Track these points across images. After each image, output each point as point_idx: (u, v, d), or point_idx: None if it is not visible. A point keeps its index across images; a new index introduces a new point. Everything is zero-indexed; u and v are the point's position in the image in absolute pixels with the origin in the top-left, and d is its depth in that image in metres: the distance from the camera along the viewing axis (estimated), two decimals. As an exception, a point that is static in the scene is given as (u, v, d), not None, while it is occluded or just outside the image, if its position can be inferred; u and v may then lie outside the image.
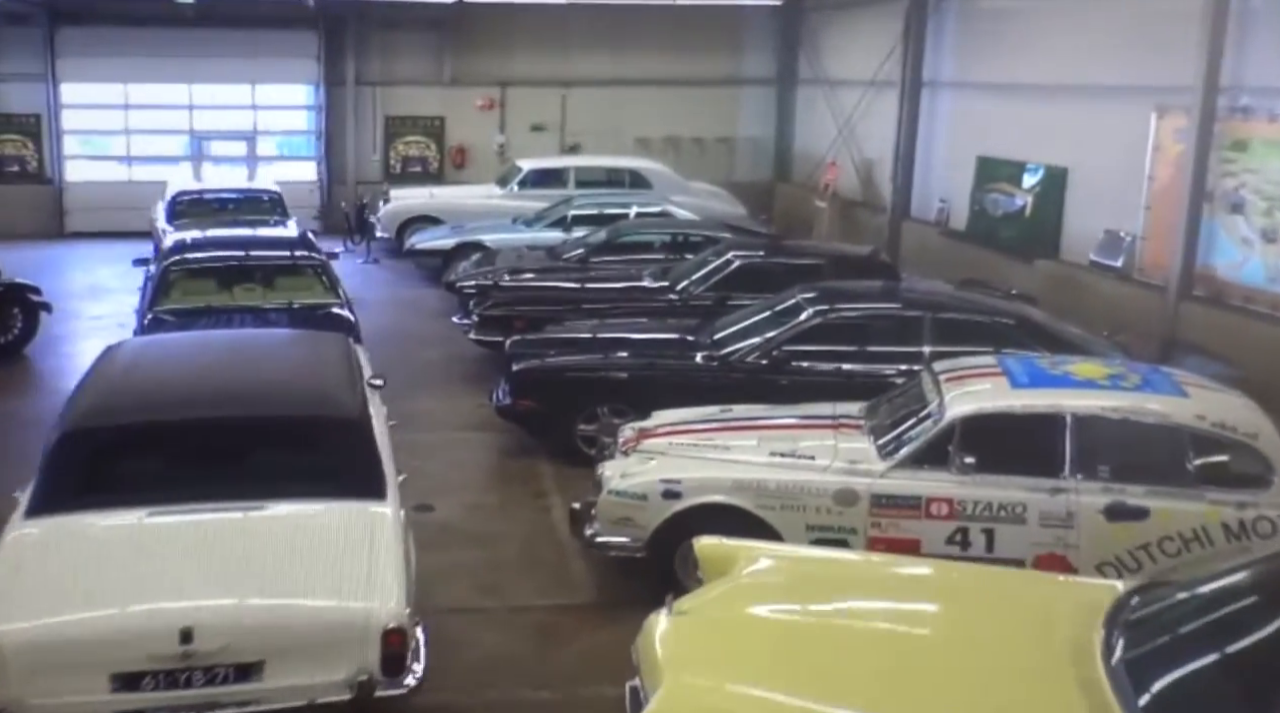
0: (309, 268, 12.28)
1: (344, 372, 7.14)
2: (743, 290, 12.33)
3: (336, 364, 7.28)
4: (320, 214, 22.99)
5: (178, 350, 7.67)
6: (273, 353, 7.50)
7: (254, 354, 7.47)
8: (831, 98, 21.33)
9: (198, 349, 7.69)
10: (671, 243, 15.67)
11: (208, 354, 7.48)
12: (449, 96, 23.23)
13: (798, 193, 22.84)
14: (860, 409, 7.97)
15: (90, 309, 16.31)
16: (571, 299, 12.78)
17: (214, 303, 11.56)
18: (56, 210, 22.38)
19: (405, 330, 15.04)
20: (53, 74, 21.93)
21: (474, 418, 11.26)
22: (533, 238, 17.65)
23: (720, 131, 23.80)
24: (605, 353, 10.29)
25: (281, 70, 22.67)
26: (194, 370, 7.05)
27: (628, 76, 23.13)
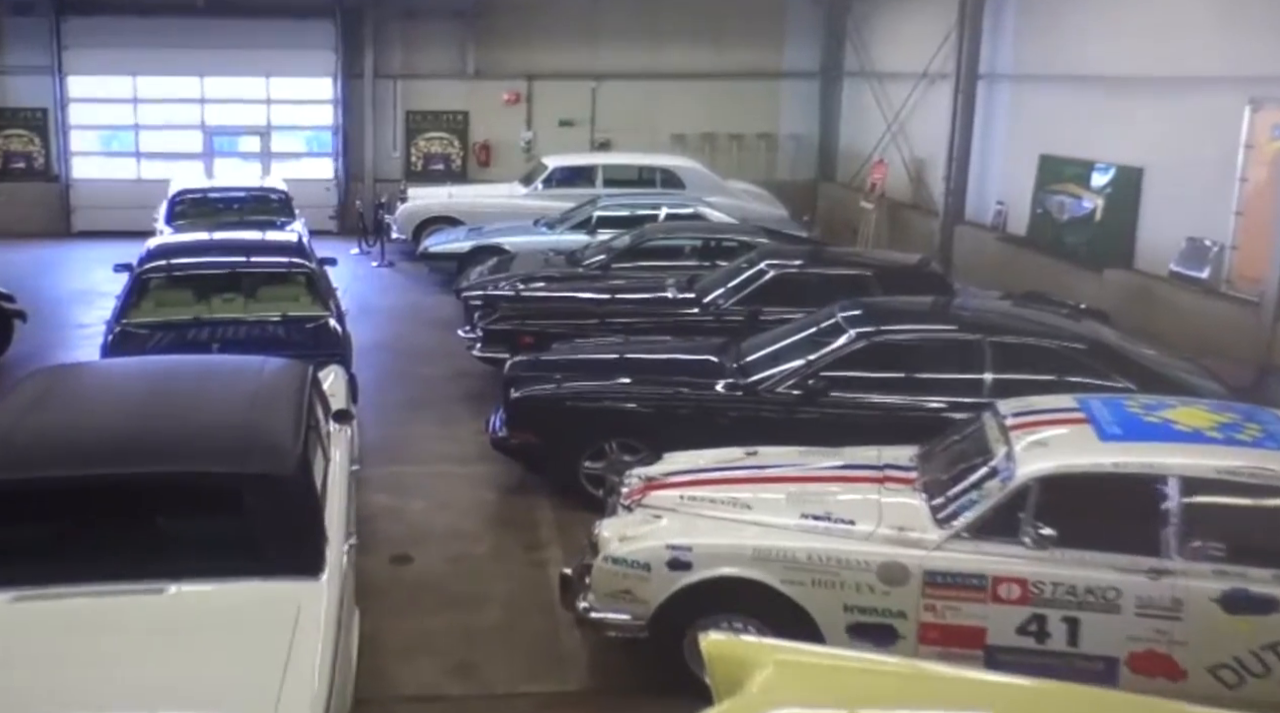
0: (298, 277, 11.12)
1: (288, 413, 5.90)
2: (777, 304, 11.02)
3: (282, 403, 6.04)
4: (336, 214, 21.90)
5: (100, 383, 6.47)
6: (209, 389, 6.27)
7: (186, 390, 6.24)
8: (880, 92, 19.91)
9: (124, 382, 6.50)
10: (703, 248, 14.37)
11: (132, 390, 6.28)
12: (473, 90, 22.06)
13: (843, 193, 21.45)
14: (912, 457, 6.63)
15: (80, 316, 15.25)
16: (586, 312, 11.51)
17: (189, 316, 10.44)
18: (63, 208, 21.45)
19: (409, 342, 13.85)
20: (59, 66, 20.99)
21: (471, 448, 10.01)
22: (555, 241, 16.42)
23: (760, 128, 22.44)
24: (615, 379, 9.00)
25: (297, 62, 21.58)
26: (106, 411, 5.85)
27: (662, 69, 21.86)
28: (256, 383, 6.35)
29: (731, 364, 8.98)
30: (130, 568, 4.97)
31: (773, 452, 7.13)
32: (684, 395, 8.62)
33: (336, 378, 8.89)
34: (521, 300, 12.00)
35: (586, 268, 14.05)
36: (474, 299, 12.39)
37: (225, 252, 11.59)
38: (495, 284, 12.82)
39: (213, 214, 16.69)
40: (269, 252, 11.75)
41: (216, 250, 11.68)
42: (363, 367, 10.29)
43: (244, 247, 12.06)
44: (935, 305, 9.73)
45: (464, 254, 16.58)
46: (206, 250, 11.70)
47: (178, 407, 5.88)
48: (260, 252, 11.76)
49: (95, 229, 21.07)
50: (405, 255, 19.28)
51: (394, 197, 20.07)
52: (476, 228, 17.50)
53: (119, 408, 5.84)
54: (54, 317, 15.09)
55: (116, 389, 6.25)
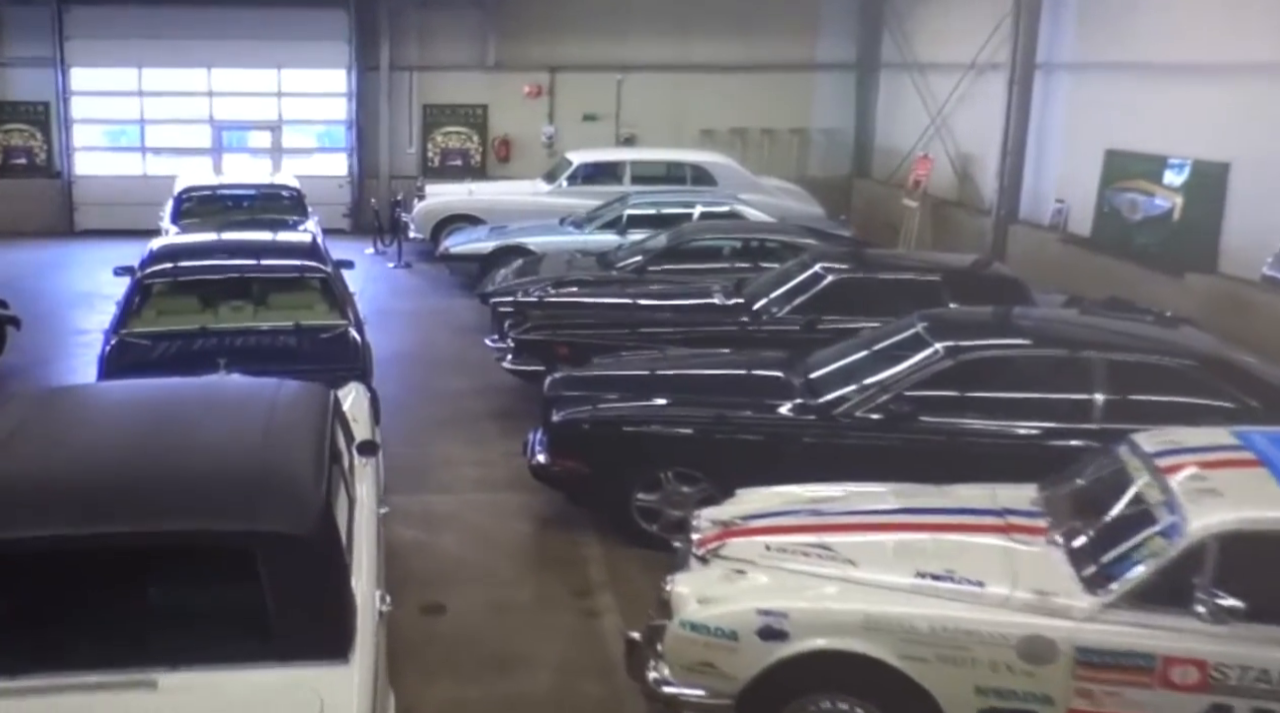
0: (312, 281, 10.17)
1: (308, 452, 4.94)
2: (837, 312, 10.06)
3: (300, 438, 5.08)
4: (350, 212, 20.97)
5: (84, 416, 5.49)
6: (213, 422, 5.30)
7: (186, 423, 5.27)
8: (922, 84, 18.89)
9: (113, 414, 5.52)
10: (743, 249, 13.41)
11: (122, 424, 5.30)
12: (493, 83, 21.09)
13: (879, 190, 20.44)
14: (1036, 500, 5.64)
15: (80, 320, 14.32)
16: (627, 321, 10.52)
17: (194, 325, 9.50)
18: (66, 206, 20.55)
19: (431, 351, 12.87)
20: (61, 58, 20.08)
21: (505, 472, 9.05)
22: (583, 241, 15.47)
23: (793, 122, 21.44)
24: (669, 399, 8.02)
25: (309, 54, 20.62)
26: (88, 453, 4.87)
27: (690, 61, 20.88)
28: (269, 414, 5.38)
29: (799, 382, 8.00)
30: (113, 653, 4.03)
31: (864, 490, 6.16)
32: (749, 419, 7.63)
33: (357, 397, 7.94)
34: (555, 307, 11.02)
35: (621, 271, 13.09)
36: (503, 306, 11.43)
37: (233, 254, 10.64)
38: (525, 289, 11.86)
39: (221, 213, 15.78)
40: (281, 254, 10.80)
41: (224, 253, 10.72)
42: (382, 379, 9.36)
43: (254, 248, 11.10)
44: (1027, 317, 8.71)
45: (487, 255, 15.65)
46: (213, 253, 10.74)
47: (175, 446, 4.92)
48: (271, 254, 10.81)
49: (99, 228, 20.21)
50: (423, 256, 18.33)
51: (410, 194, 19.13)
52: (499, 227, 16.54)
53: (105, 448, 4.88)
54: (52, 322, 14.18)
55: (103, 424, 5.29)
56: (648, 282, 12.27)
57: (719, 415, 7.66)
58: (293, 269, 10.22)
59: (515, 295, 11.63)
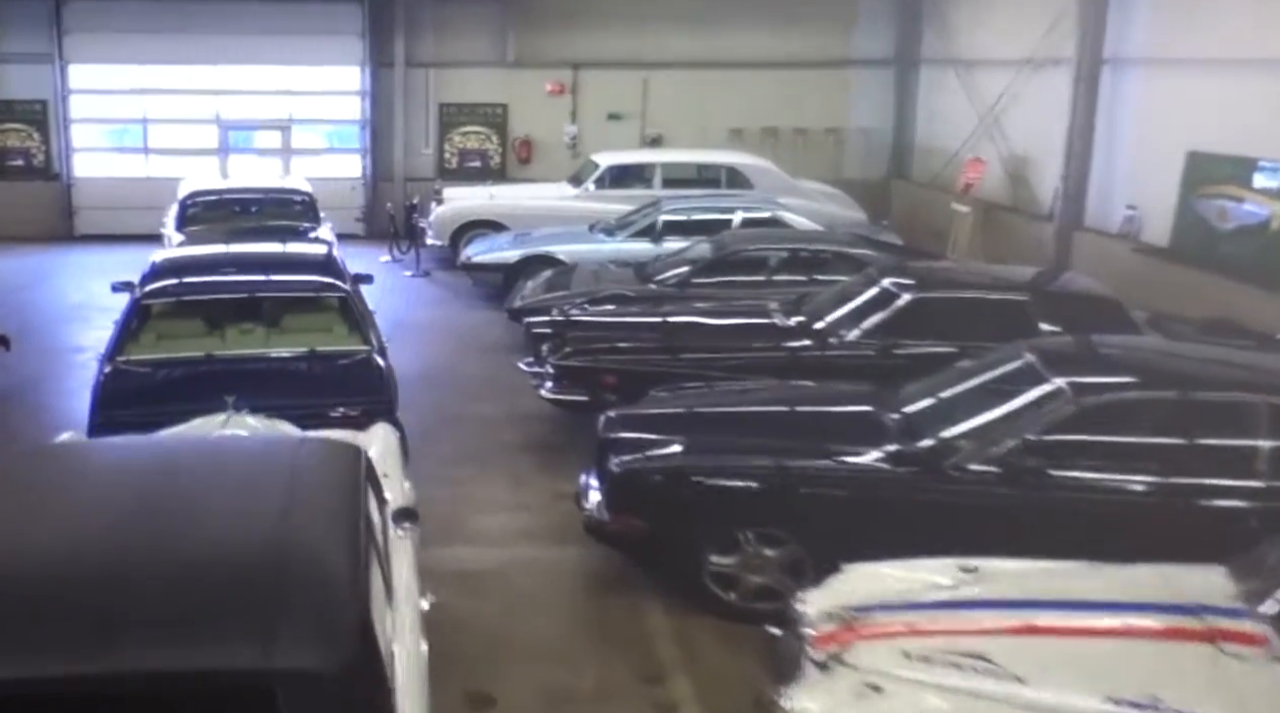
0: (330, 301, 9.15)
1: (337, 545, 3.90)
2: (914, 335, 9.02)
3: (327, 524, 4.04)
4: (363, 216, 19.94)
5: (59, 491, 4.43)
6: (219, 500, 4.25)
7: (186, 502, 4.22)
8: (968, 81, 17.81)
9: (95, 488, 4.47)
10: (791, 260, 12.34)
11: (105, 505, 4.23)
12: (513, 80, 20.04)
13: (921, 194, 19.37)
14: (1235, 593, 4.58)
15: (76, 336, 13.29)
16: (678, 345, 9.45)
17: (199, 351, 8.47)
18: (64, 210, 19.56)
19: (457, 373, 11.81)
20: (59, 53, 19.09)
21: (550, 519, 8.00)
22: (615, 250, 14.44)
23: (827, 121, 20.36)
24: (746, 442, 6.95)
25: (321, 50, 19.59)
26: (61, 549, 3.81)
27: (720, 57, 19.81)
28: (289, 487, 4.33)
29: (893, 422, 6.95)
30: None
31: (1003, 567, 5.10)
32: (841, 469, 6.57)
33: (386, 441, 6.92)
34: (596, 329, 9.95)
35: (662, 285, 12.05)
36: (538, 326, 10.38)
37: (242, 269, 9.60)
38: (560, 307, 10.82)
39: (228, 219, 14.77)
40: (294, 269, 9.77)
41: (232, 268, 9.68)
42: (405, 405, 8.32)
43: (264, 263, 10.06)
44: (1156, 348, 7.64)
45: (512, 265, 14.61)
46: (220, 268, 9.71)
47: (172, 539, 3.87)
48: (284, 269, 9.78)
49: (100, 233, 19.27)
50: (441, 263, 17.32)
51: (427, 198, 18.08)
52: (523, 234, 15.51)
53: (82, 545, 3.83)
54: (46, 338, 13.18)
55: (82, 506, 4.22)
56: (695, 298, 11.23)
57: (805, 464, 6.60)
58: (308, 287, 9.20)
59: (551, 314, 10.58)
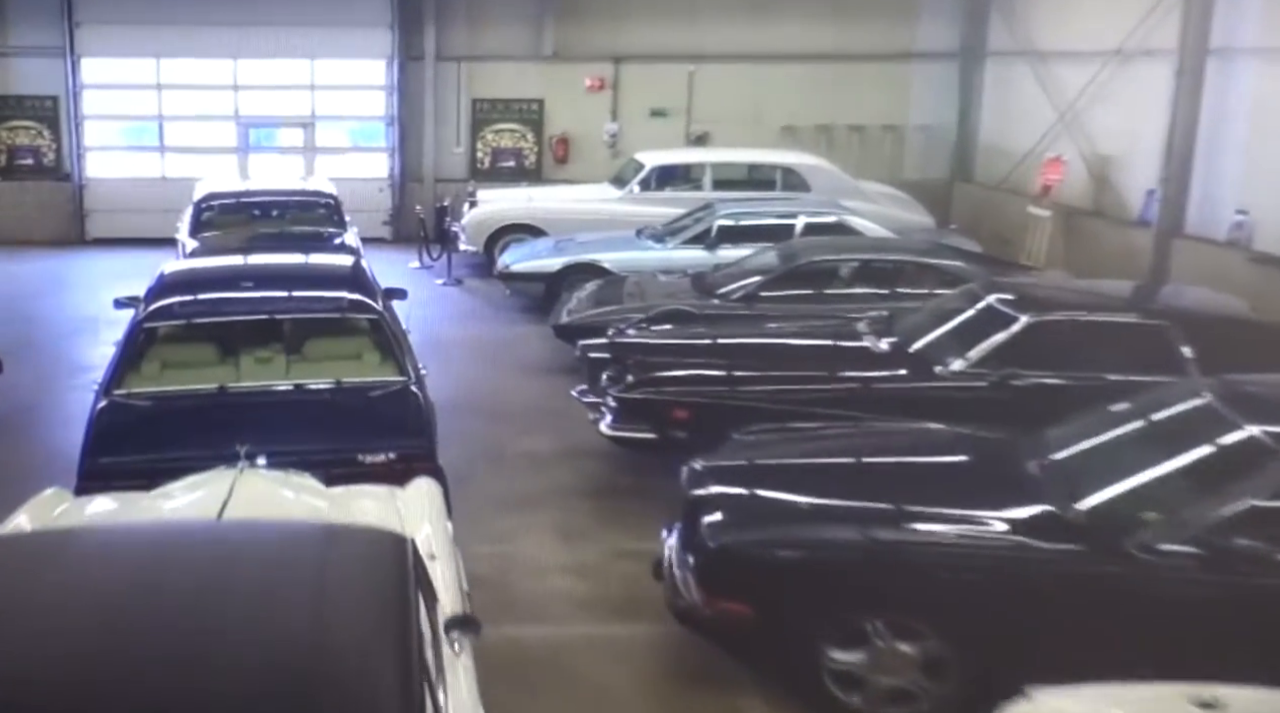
0: (360, 322, 7.97)
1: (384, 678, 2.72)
2: (1035, 366, 7.78)
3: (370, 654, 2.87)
4: (391, 219, 18.80)
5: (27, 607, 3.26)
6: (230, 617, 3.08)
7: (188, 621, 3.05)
8: (1045, 75, 16.50)
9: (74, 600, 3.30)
10: (869, 271, 11.11)
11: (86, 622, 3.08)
12: (550, 75, 18.84)
13: (987, 196, 18.07)
14: None
15: (81, 353, 12.13)
16: (759, 375, 8.23)
17: (208, 383, 7.31)
18: (75, 212, 18.48)
19: (497, 397, 10.60)
20: (71, 47, 17.99)
21: (617, 586, 6.79)
22: (665, 258, 13.25)
23: (886, 118, 19.08)
24: (870, 507, 5.71)
25: (347, 42, 18.44)
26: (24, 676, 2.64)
27: (771, 50, 18.56)
28: (318, 599, 3.16)
29: (1048, 480, 5.70)
30: None
31: (1255, 702, 3.86)
32: (995, 546, 5.32)
33: (431, 506, 5.71)
34: (660, 353, 8.73)
35: (725, 299, 10.83)
36: (594, 349, 9.16)
37: (260, 284, 8.43)
38: (617, 326, 9.60)
39: (247, 224, 13.65)
40: (319, 284, 8.61)
41: (248, 282, 8.49)
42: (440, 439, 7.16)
43: (285, 276, 8.91)
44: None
45: (554, 274, 13.42)
46: (235, 282, 8.53)
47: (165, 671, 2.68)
48: (307, 284, 8.62)
49: (112, 236, 18.20)
50: (474, 270, 16.17)
51: (459, 200, 16.93)
52: (564, 240, 14.32)
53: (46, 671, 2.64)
54: (48, 355, 12.09)
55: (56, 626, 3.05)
56: (767, 315, 10.02)
57: (951, 539, 5.36)
58: (335, 306, 8.02)
59: (606, 334, 9.36)
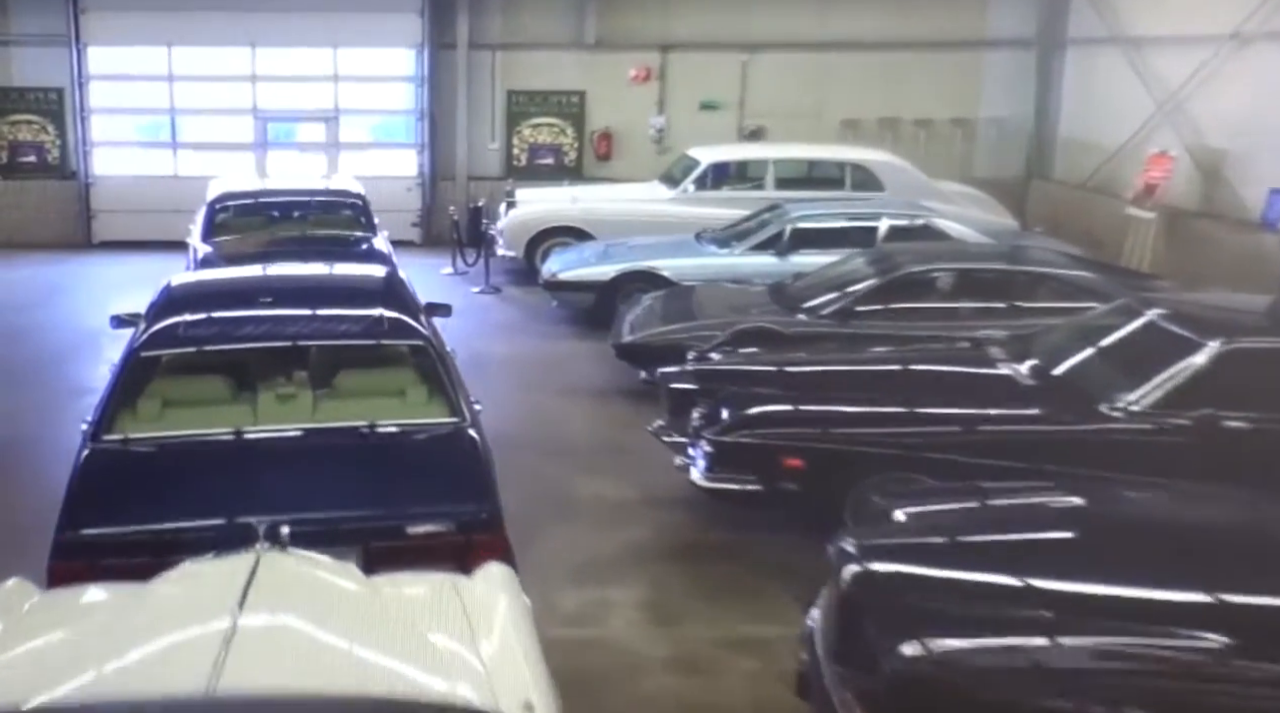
0: (401, 349, 6.59)
1: None
2: (1238, 406, 6.29)
3: None
4: (420, 221, 17.41)
5: None
6: None
7: None
8: (1140, 63, 15.00)
9: None
10: (971, 283, 9.66)
11: None
12: (592, 65, 17.43)
13: (1065, 195, 16.63)
14: None
15: (80, 374, 10.71)
16: (880, 408, 6.80)
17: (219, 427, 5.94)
18: (81, 213, 17.14)
19: (556, 432, 9.14)
20: (76, 35, 16.66)
21: (741, 692, 5.37)
22: (732, 265, 11.91)
23: (955, 111, 17.63)
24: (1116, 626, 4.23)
25: (373, 30, 17.05)
26: None
27: (830, 37, 17.17)
28: None
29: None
30: None
31: None
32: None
33: (506, 606, 4.27)
34: (764, 383, 7.29)
35: (813, 314, 9.41)
36: (675, 377, 7.73)
37: (281, 300, 7.05)
38: (699, 350, 8.17)
39: (266, 226, 12.31)
40: (351, 300, 7.21)
41: (268, 297, 7.10)
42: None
43: (310, 291, 7.54)
44: None
45: (607, 283, 12.03)
46: (252, 298, 7.12)
47: None
48: (337, 300, 7.24)
49: (121, 239, 16.85)
50: (513, 276, 14.79)
51: (495, 200, 15.56)
52: (616, 244, 12.94)
53: None
54: (44, 375, 10.75)
55: None
56: (870, 336, 8.60)
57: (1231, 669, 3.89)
58: (371, 329, 6.62)
59: (692, 361, 7.93)
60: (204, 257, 11.22)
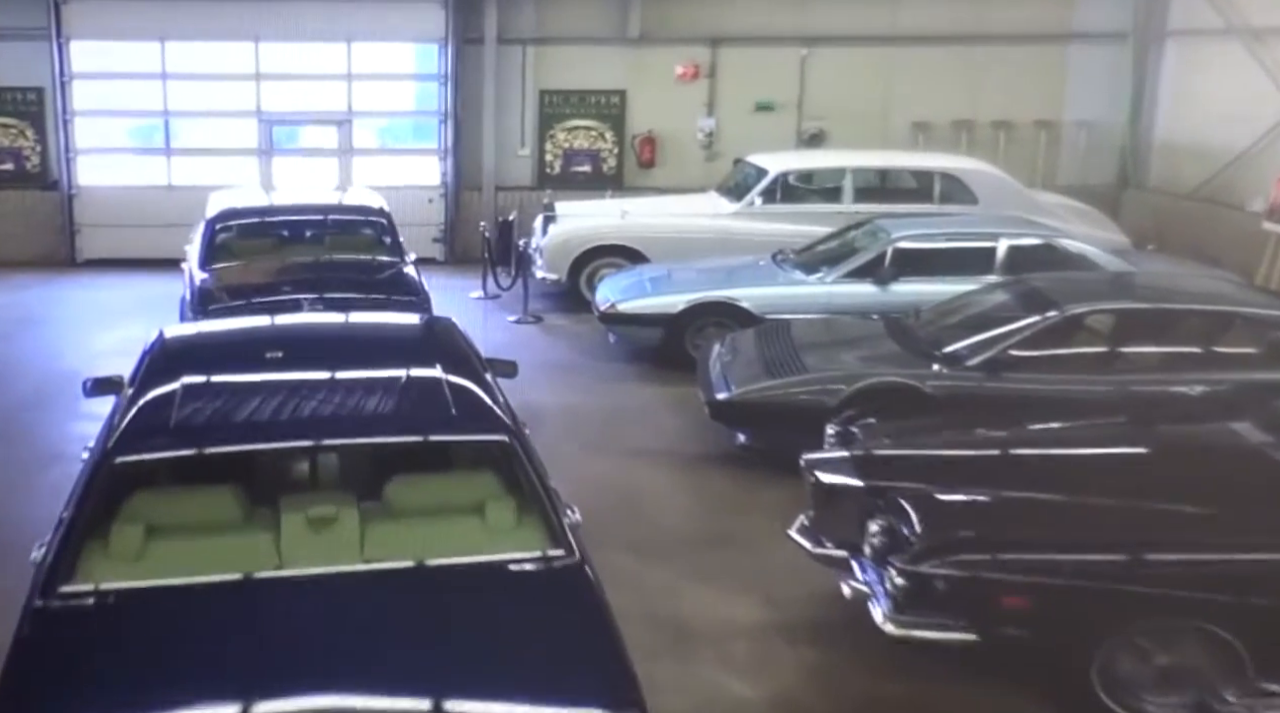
0: (479, 450, 4.84)
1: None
2: None
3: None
4: (443, 235, 15.61)
5: None
6: None
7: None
8: (1265, 56, 13.23)
9: None
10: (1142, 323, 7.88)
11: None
12: (634, 61, 15.63)
13: (1169, 206, 14.86)
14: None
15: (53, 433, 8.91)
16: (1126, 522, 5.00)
17: (223, 573, 4.17)
18: (64, 227, 15.32)
19: (637, 515, 7.27)
20: (57, 29, 14.83)
21: None
22: (825, 295, 10.15)
23: (1038, 112, 15.84)
24: None
25: (390, 23, 15.27)
26: None
27: (899, 31, 15.47)
28: None
29: None
30: None
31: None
32: None
33: None
34: (948, 481, 5.46)
35: (953, 364, 7.64)
36: (827, 469, 5.91)
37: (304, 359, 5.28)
38: (841, 423, 6.35)
39: (274, 250, 10.59)
40: (397, 368, 5.37)
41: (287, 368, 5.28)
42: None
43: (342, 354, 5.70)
44: None
45: (676, 316, 10.25)
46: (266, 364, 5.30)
47: None
48: (380, 369, 5.40)
49: (109, 257, 15.07)
50: (553, 301, 13.02)
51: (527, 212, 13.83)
52: (680, 268, 11.18)
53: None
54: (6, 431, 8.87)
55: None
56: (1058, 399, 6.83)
57: None
58: (438, 422, 4.82)
59: (846, 444, 6.10)
60: (201, 288, 9.45)
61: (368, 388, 5.07)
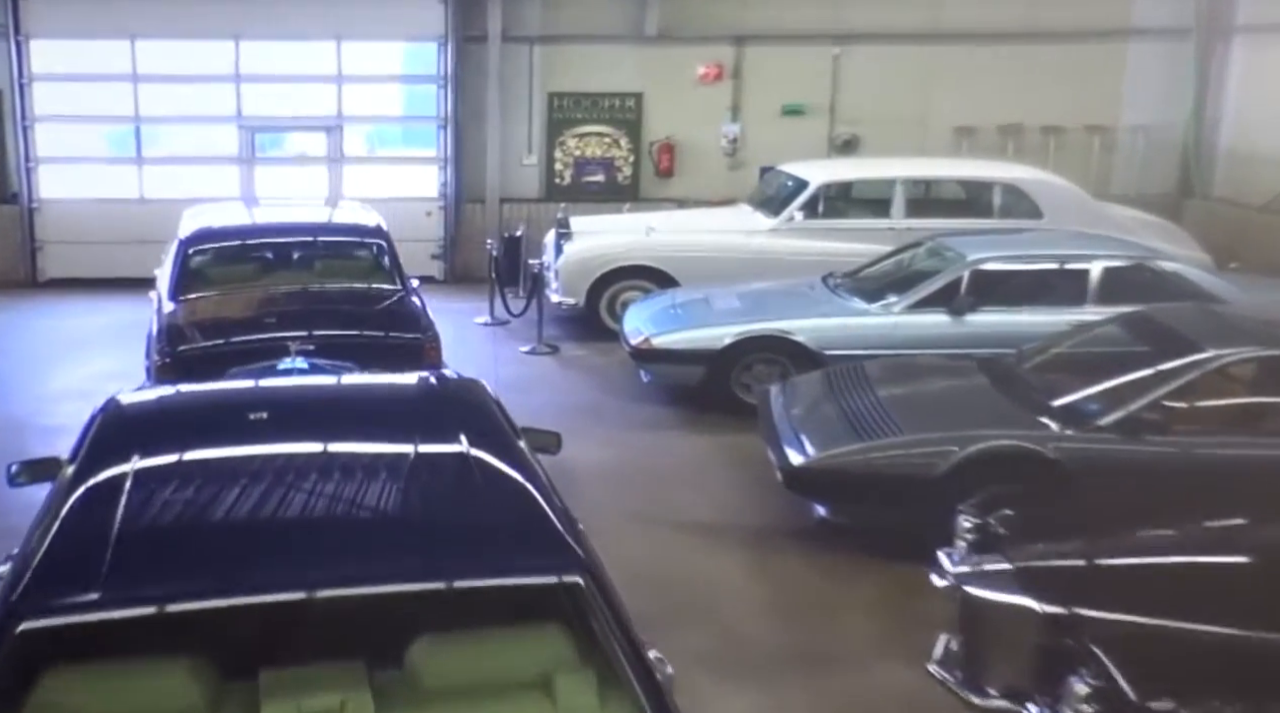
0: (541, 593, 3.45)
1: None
2: None
3: None
4: (443, 252, 14.27)
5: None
6: None
7: None
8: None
9: None
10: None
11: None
12: (651, 61, 14.36)
13: (1237, 217, 13.65)
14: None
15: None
16: None
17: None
18: (24, 244, 13.96)
19: (700, 614, 5.88)
20: (15, 25, 13.50)
21: None
22: (890, 326, 8.83)
23: (1091, 116, 14.60)
24: None
25: (384, 19, 13.99)
26: None
27: (939, 28, 14.27)
28: None
29: None
30: None
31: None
32: None
33: None
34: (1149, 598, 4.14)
35: (1086, 428, 6.30)
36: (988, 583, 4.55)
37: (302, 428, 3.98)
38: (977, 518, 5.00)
39: (256, 277, 9.18)
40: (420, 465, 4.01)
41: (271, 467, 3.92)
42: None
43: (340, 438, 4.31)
44: None
45: (721, 352, 8.93)
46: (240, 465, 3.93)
47: None
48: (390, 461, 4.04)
49: (74, 276, 13.80)
50: (568, 327, 11.72)
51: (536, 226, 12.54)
52: (720, 294, 9.87)
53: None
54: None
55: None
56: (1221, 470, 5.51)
57: None
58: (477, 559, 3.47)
59: (973, 532, 4.78)
60: (169, 325, 8.07)
61: (380, 500, 3.71)
